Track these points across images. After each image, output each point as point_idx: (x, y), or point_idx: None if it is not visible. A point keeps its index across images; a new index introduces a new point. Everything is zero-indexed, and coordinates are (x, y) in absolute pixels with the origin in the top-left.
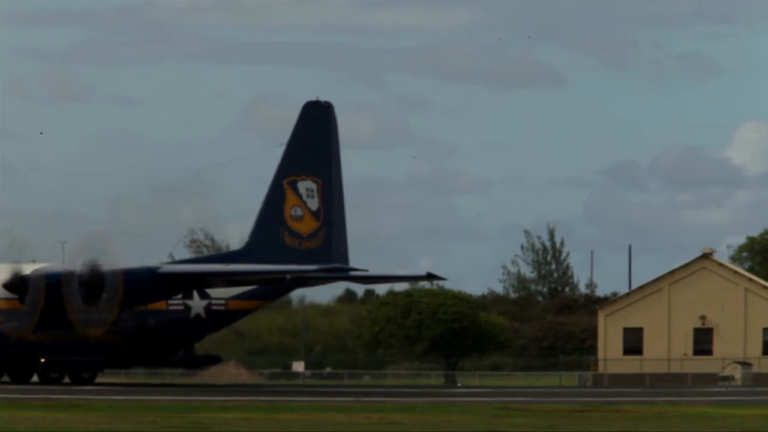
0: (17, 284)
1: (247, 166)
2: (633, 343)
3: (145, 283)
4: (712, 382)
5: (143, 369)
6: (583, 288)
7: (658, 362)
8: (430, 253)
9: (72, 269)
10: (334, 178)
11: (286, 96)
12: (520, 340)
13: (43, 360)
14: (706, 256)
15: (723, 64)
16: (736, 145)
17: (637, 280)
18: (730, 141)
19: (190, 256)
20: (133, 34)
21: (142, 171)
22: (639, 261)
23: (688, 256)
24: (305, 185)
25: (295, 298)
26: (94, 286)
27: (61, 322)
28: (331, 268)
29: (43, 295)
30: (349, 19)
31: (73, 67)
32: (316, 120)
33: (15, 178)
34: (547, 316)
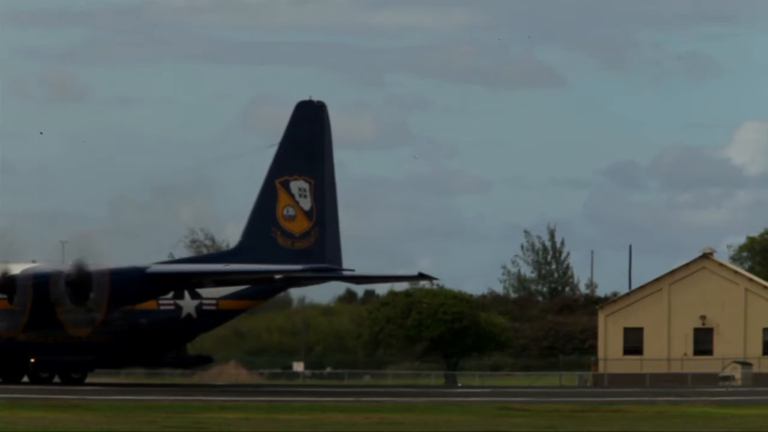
0: (6, 284)
1: (248, 166)
2: (633, 343)
3: (133, 283)
4: (712, 382)
5: (136, 369)
6: (583, 288)
7: (658, 362)
8: (430, 253)
9: (60, 269)
10: (327, 178)
11: (286, 96)
12: (520, 340)
13: (33, 360)
14: (706, 256)
15: (723, 64)
16: (736, 145)
17: (637, 280)
18: (730, 141)
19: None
20: (133, 34)
21: (142, 171)
22: (639, 261)
23: (688, 256)
24: (298, 185)
25: (295, 298)
26: (82, 286)
27: (50, 322)
28: (317, 268)
29: (32, 295)
30: (349, 19)
31: (73, 67)
32: (309, 120)
33: (15, 178)
34: (547, 316)
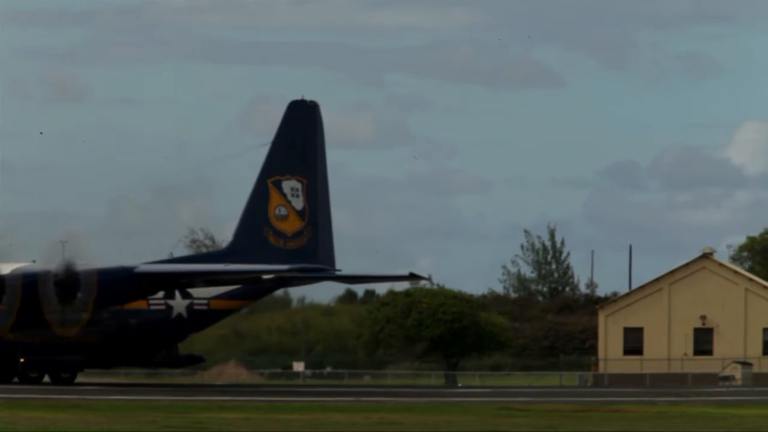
0: None
1: (248, 166)
2: (633, 343)
3: (121, 283)
4: (713, 382)
5: (126, 369)
6: (583, 288)
7: (658, 362)
8: (430, 253)
9: (48, 269)
10: (319, 178)
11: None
12: (520, 340)
13: (22, 360)
14: (706, 256)
15: (723, 64)
16: (736, 145)
17: (637, 280)
18: (730, 141)
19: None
20: (133, 34)
21: (142, 171)
22: (639, 261)
23: (688, 256)
24: (290, 185)
25: (295, 298)
26: (69, 286)
27: (39, 322)
28: (303, 268)
29: (20, 295)
30: (349, 19)
31: (73, 67)
32: (302, 119)
33: (15, 178)
34: (547, 316)
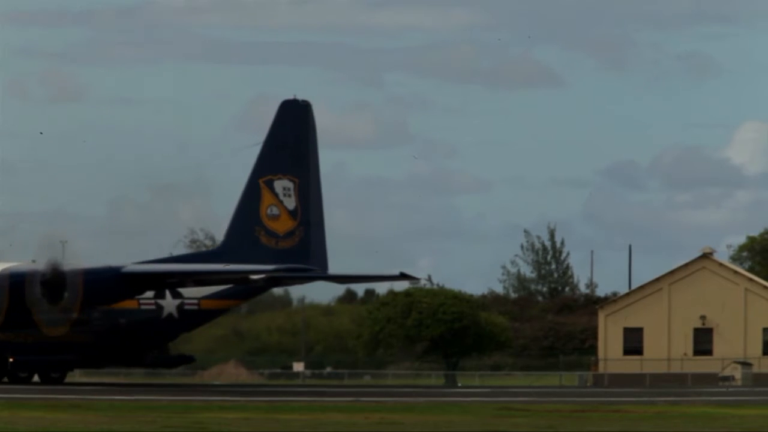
0: None
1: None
2: (633, 343)
3: (108, 283)
4: (712, 382)
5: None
6: (583, 288)
7: (658, 362)
8: (430, 253)
9: (35, 269)
10: (312, 178)
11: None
12: (520, 340)
13: (11, 359)
14: (706, 256)
15: (723, 64)
16: (736, 145)
17: (637, 280)
18: (730, 141)
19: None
20: (133, 34)
21: (142, 171)
22: (639, 261)
23: (688, 256)
24: (282, 184)
25: (295, 298)
26: (56, 286)
27: (27, 322)
28: (290, 268)
29: (8, 295)
30: (349, 19)
31: (73, 67)
32: (294, 119)
33: (15, 178)
34: (547, 316)
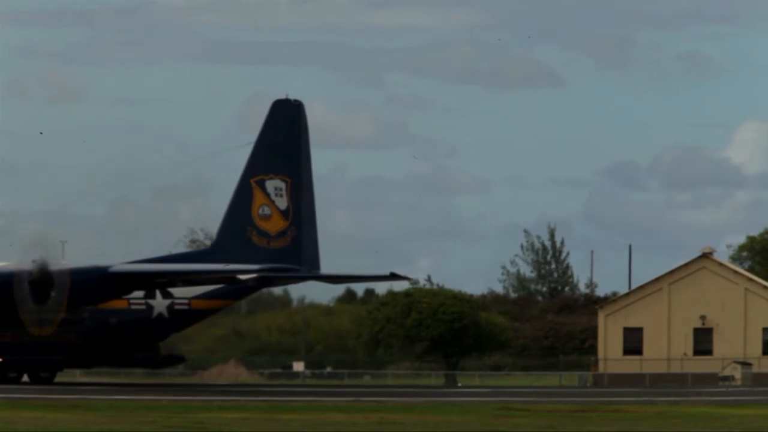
0: None
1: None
2: (633, 343)
3: (95, 283)
4: (712, 382)
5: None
6: (583, 288)
7: (658, 362)
8: (430, 253)
9: (23, 268)
10: (304, 177)
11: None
12: (520, 340)
13: (0, 359)
14: (706, 256)
15: (723, 64)
16: (736, 145)
17: (637, 280)
18: (730, 141)
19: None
20: (132, 34)
21: (142, 171)
22: (639, 261)
23: (688, 256)
24: (274, 184)
25: (295, 298)
26: (43, 286)
27: (15, 322)
28: (274, 268)
29: None
30: (349, 19)
31: (73, 67)
32: (286, 119)
33: (15, 178)
34: (547, 316)
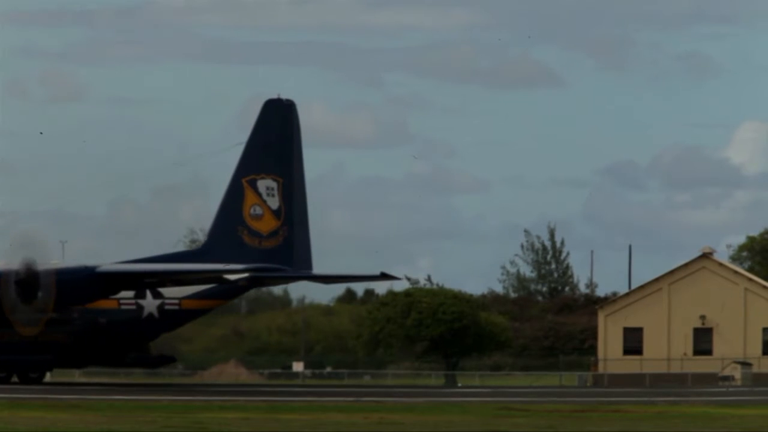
0: None
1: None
2: (633, 343)
3: (82, 283)
4: (712, 382)
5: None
6: (583, 288)
7: (658, 362)
8: (430, 253)
9: (10, 268)
10: (296, 177)
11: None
12: (520, 340)
13: None
14: (706, 256)
15: (722, 64)
16: (736, 145)
17: (637, 280)
18: (730, 141)
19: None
20: (132, 34)
21: (142, 171)
22: (639, 261)
23: (688, 256)
24: (265, 184)
25: (295, 298)
26: (29, 286)
27: (4, 322)
28: (261, 268)
29: None
30: (349, 19)
31: (72, 67)
32: (278, 118)
33: (15, 178)
34: (547, 316)
